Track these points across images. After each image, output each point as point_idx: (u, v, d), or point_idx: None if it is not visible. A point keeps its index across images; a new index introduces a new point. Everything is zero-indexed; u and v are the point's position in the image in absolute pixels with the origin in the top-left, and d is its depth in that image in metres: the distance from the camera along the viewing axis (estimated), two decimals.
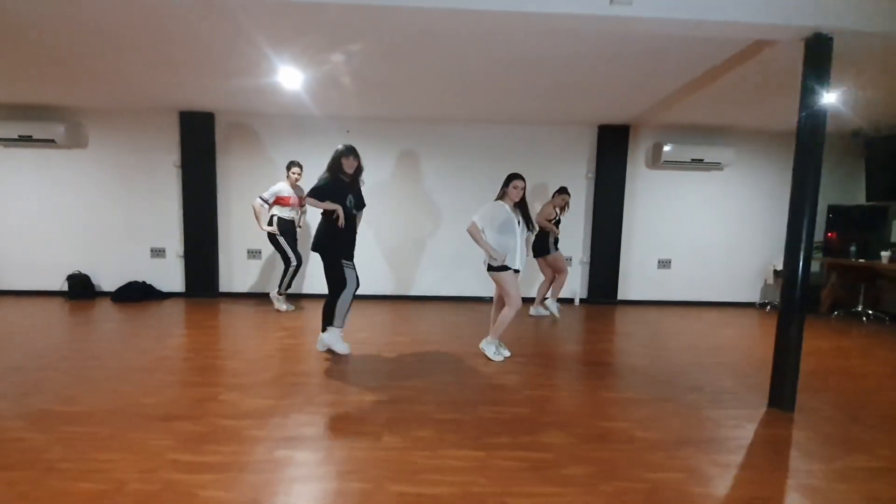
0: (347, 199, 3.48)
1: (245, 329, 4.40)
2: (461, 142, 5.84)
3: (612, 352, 4.00)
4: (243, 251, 5.89)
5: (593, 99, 4.72)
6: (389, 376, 3.17)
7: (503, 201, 3.46)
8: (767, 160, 6.03)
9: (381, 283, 5.96)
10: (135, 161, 5.69)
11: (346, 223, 3.45)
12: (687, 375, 3.37)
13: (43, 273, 5.70)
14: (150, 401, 2.65)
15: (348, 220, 3.47)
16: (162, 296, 5.76)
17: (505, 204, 3.44)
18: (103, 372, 3.09)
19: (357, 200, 3.57)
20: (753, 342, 4.47)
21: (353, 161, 3.49)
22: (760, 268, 6.19)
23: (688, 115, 5.34)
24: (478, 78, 4.08)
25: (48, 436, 2.25)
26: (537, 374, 3.29)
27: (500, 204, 3.45)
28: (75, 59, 3.81)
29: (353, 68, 3.84)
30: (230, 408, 2.59)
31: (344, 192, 3.47)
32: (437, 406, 2.69)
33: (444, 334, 4.33)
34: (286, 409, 2.60)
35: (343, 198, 3.45)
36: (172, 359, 3.40)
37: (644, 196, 6.05)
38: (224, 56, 3.66)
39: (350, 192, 3.51)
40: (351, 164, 3.48)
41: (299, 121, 5.64)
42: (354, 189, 3.56)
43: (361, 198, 3.63)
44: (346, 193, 3.47)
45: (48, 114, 5.51)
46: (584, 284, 6.12)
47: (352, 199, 3.51)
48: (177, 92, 4.79)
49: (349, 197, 3.49)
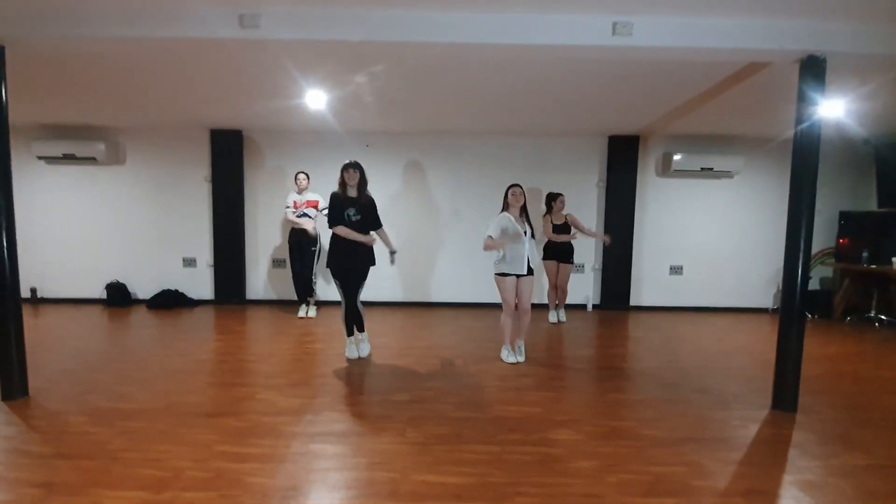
0: (345, 213, 3.58)
1: (273, 334, 4.67)
2: (473, 154, 6.06)
3: (624, 356, 4.16)
4: (269, 260, 6.19)
5: (603, 112, 4.90)
6: (410, 379, 3.39)
7: (507, 212, 3.70)
8: (777, 167, 6.11)
9: (399, 290, 6.20)
10: (168, 176, 6.06)
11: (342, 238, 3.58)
12: (695, 379, 3.52)
13: (83, 282, 6.09)
14: (195, 399, 2.91)
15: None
16: (193, 303, 6.10)
17: (509, 214, 3.68)
18: (149, 373, 3.38)
19: (362, 214, 3.62)
20: (762, 347, 4.56)
21: (355, 173, 3.59)
22: (772, 273, 6.25)
23: (696, 125, 5.47)
24: (492, 97, 4.31)
25: (110, 429, 2.52)
26: (550, 377, 3.48)
27: (504, 215, 3.69)
28: (118, 84, 4.13)
29: (375, 88, 4.09)
30: (267, 406, 2.84)
31: (344, 206, 3.59)
32: (455, 405, 2.90)
33: (460, 339, 4.54)
34: (318, 407, 2.84)
35: (343, 212, 3.57)
36: (210, 361, 3.68)
37: (655, 204, 6.19)
38: (257, 82, 3.95)
39: (353, 205, 3.60)
40: (352, 176, 3.59)
41: (321, 136, 5.94)
42: (361, 202, 3.64)
43: (370, 211, 3.69)
44: (346, 207, 3.59)
45: (90, 133, 5.91)
46: (597, 290, 6.26)
47: (354, 213, 3.59)
48: (209, 113, 5.13)
49: (348, 211, 3.58)
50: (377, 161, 5.97)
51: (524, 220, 3.72)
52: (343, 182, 3.66)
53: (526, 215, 3.74)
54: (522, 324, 3.81)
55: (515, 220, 3.67)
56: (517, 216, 3.70)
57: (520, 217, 3.70)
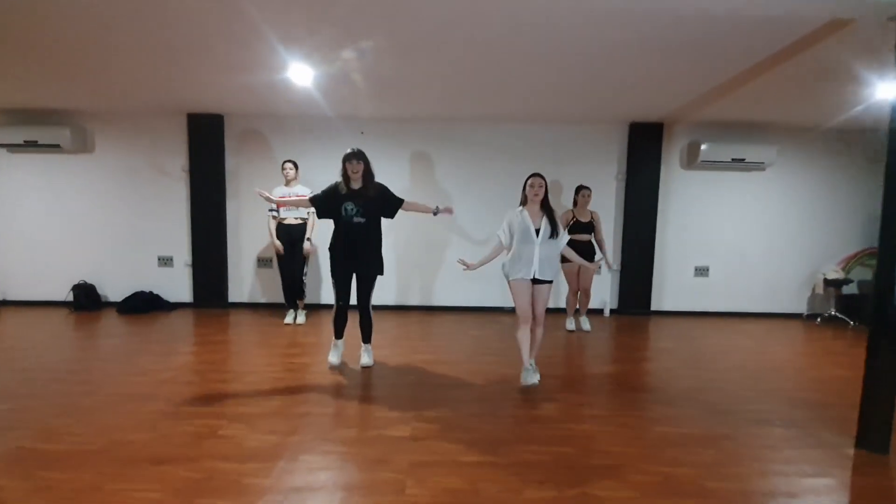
0: (343, 207, 3.22)
1: (254, 345, 4.10)
2: (482, 143, 5.48)
3: (656, 373, 3.60)
4: (253, 260, 5.61)
5: (625, 95, 4.33)
6: (410, 404, 2.82)
7: (524, 206, 3.14)
8: (814, 158, 5.56)
9: (398, 293, 5.63)
10: (142, 166, 5.46)
11: (344, 234, 3.26)
12: (747, 404, 2.96)
13: (48, 283, 5.49)
14: (142, 437, 2.34)
15: (348, 231, 3.24)
16: (169, 306, 5.51)
17: (523, 209, 3.12)
18: (95, 399, 2.80)
19: (368, 209, 3.25)
20: (811, 362, 4.02)
21: (358, 165, 3.21)
22: (807, 276, 5.70)
23: (728, 111, 4.91)
24: (500, 75, 3.74)
25: (25, 483, 1.95)
26: (577, 403, 2.91)
27: (514, 211, 3.14)
28: (79, 58, 3.57)
29: (364, 64, 3.54)
30: (231, 447, 2.27)
31: (339, 200, 3.23)
32: (468, 445, 2.33)
33: (467, 351, 3.98)
34: (295, 447, 2.27)
35: (339, 205, 3.22)
36: (172, 383, 3.10)
37: (679, 199, 5.62)
38: (232, 52, 3.37)
39: (352, 199, 3.22)
40: (355, 168, 3.21)
41: (312, 122, 5.35)
42: (365, 196, 3.25)
43: (380, 203, 3.31)
44: (344, 201, 3.22)
45: (54, 118, 5.31)
46: (615, 294, 5.70)
47: (352, 208, 3.22)
48: (184, 92, 4.53)
49: (346, 205, 3.22)
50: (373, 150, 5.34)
51: (544, 217, 3.12)
52: (346, 175, 3.24)
53: (547, 211, 3.13)
54: (534, 337, 3.20)
55: (530, 216, 3.10)
56: (536, 212, 3.13)
57: (540, 213, 3.13)
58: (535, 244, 3.05)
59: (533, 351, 3.20)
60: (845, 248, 5.71)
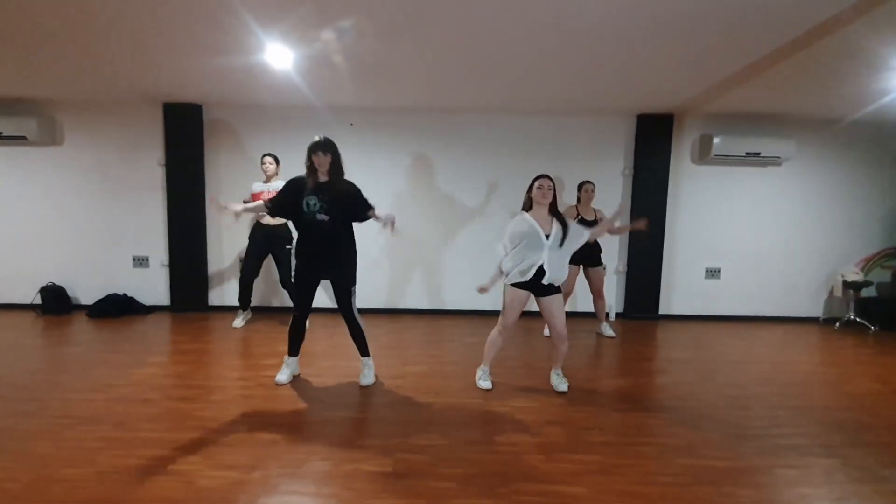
0: (305, 201, 2.80)
1: (228, 355, 3.75)
2: (477, 136, 5.12)
3: (671, 388, 3.25)
4: (235, 260, 5.25)
5: (634, 82, 3.96)
6: (396, 429, 2.47)
7: (528, 212, 2.85)
8: (834, 153, 5.21)
9: (389, 296, 5.28)
10: (115, 159, 5.09)
11: (307, 234, 2.87)
12: (777, 426, 2.62)
13: (13, 285, 5.13)
14: (77, 473, 1.98)
15: (311, 230, 2.84)
16: (145, 310, 5.14)
17: (527, 215, 2.83)
18: (37, 422, 2.45)
19: (333, 206, 2.81)
20: (840, 373, 3.67)
21: (325, 157, 2.78)
22: (825, 278, 5.36)
23: (743, 102, 4.56)
24: (493, 59, 3.38)
25: None
26: (585, 427, 2.56)
27: (519, 218, 2.86)
28: (44, 41, 3.21)
29: (345, 47, 3.18)
30: (180, 486, 1.91)
31: (301, 194, 2.81)
32: (461, 483, 1.98)
33: (464, 361, 3.61)
34: (254, 487, 1.92)
35: (300, 200, 2.81)
36: (128, 401, 2.74)
37: (690, 195, 5.27)
38: (205, 32, 3.01)
39: (316, 194, 2.79)
40: (321, 161, 2.78)
41: (296, 112, 4.99)
42: (332, 192, 2.81)
43: (347, 201, 2.86)
44: (306, 195, 2.80)
45: (19, 108, 4.92)
46: (620, 297, 5.36)
47: (315, 203, 2.79)
48: (159, 79, 4.15)
49: (308, 199, 2.80)
50: (363, 143, 5.04)
51: (554, 220, 2.82)
52: (311, 167, 2.83)
53: (556, 215, 2.83)
54: (558, 352, 3.02)
55: (538, 220, 2.79)
56: (544, 216, 2.82)
57: (549, 217, 2.82)
58: (545, 249, 2.75)
59: (558, 363, 3.08)
60: (865, 248, 5.38)
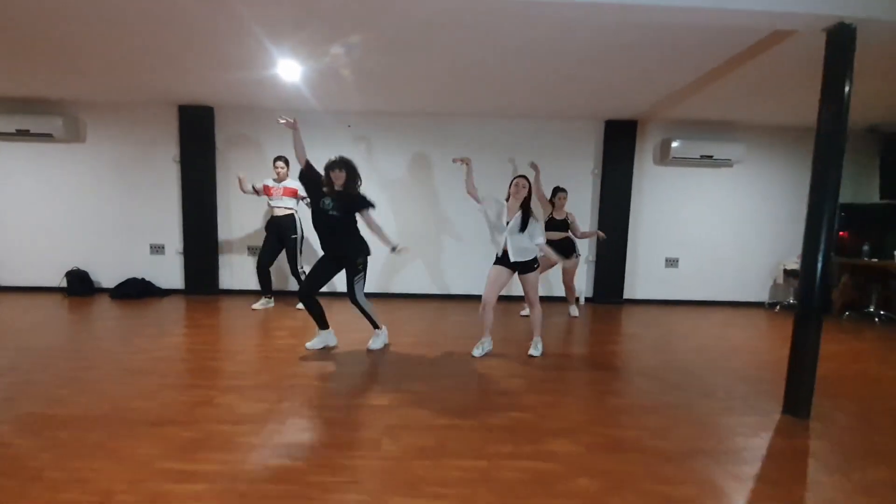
0: (322, 200, 3.38)
1: (244, 328, 4.32)
2: (462, 136, 5.70)
3: (620, 354, 3.89)
4: (244, 248, 5.80)
5: (601, 92, 4.58)
6: (390, 380, 3.08)
7: (507, 201, 3.54)
8: (779, 156, 5.88)
9: (384, 281, 5.87)
10: (133, 156, 5.60)
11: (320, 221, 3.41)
12: (698, 380, 3.26)
13: (41, 269, 5.64)
14: (141, 405, 2.56)
15: (324, 220, 3.40)
16: (161, 293, 5.69)
17: (504, 202, 3.53)
18: (95, 373, 3.01)
19: (341, 206, 3.37)
20: (764, 344, 4.35)
21: (341, 173, 3.33)
22: (770, 267, 6.05)
23: (698, 110, 5.20)
24: (480, 70, 3.97)
25: (36, 441, 2.17)
26: (542, 379, 3.19)
27: (500, 200, 3.55)
28: (72, 50, 3.71)
29: (352, 60, 3.73)
30: (225, 412, 2.50)
31: (321, 193, 3.39)
32: (439, 412, 2.59)
33: (448, 334, 4.23)
34: (283, 413, 2.52)
35: (320, 196, 3.39)
36: (168, 360, 3.32)
37: (652, 193, 5.92)
38: (221, 47, 3.55)
39: (331, 197, 3.37)
40: (338, 176, 3.33)
41: (301, 115, 5.46)
42: (345, 198, 3.39)
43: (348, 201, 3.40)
44: (324, 196, 3.38)
45: (46, 107, 5.42)
46: (590, 283, 6.00)
47: (330, 203, 3.37)
48: (175, 85, 4.69)
49: (325, 200, 3.37)
50: (362, 144, 5.61)
51: (519, 212, 3.44)
52: (329, 182, 3.39)
53: (524, 209, 3.44)
54: (533, 317, 3.70)
55: (508, 210, 3.47)
56: (514, 208, 3.47)
57: (517, 210, 3.45)
58: (504, 233, 3.42)
59: (536, 329, 3.72)
60: None
